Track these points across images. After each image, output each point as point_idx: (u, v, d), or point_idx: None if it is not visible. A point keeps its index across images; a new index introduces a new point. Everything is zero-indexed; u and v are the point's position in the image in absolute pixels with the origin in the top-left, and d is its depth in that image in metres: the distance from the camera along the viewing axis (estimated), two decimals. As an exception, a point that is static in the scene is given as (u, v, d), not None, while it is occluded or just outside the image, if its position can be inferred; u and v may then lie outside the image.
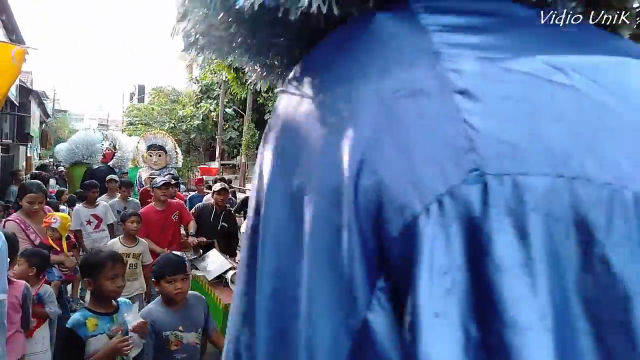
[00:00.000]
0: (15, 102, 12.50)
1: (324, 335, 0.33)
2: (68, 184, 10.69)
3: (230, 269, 4.33)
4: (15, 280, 2.78)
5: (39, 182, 4.19)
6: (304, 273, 0.36)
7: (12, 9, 8.66)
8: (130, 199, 6.20)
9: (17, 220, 3.65)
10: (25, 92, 15.27)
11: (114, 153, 11.91)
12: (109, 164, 11.55)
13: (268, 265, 0.41)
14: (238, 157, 17.68)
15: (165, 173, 9.63)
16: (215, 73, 17.62)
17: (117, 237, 4.17)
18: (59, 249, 3.81)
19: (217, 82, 17.76)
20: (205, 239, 4.95)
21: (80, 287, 4.63)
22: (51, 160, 24.57)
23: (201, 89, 18.86)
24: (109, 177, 7.23)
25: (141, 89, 31.89)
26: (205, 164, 17.43)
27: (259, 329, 0.41)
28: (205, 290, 4.22)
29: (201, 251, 4.89)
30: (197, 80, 19.51)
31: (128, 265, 3.89)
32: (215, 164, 16.37)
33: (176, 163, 11.61)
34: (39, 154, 23.46)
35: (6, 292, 2.01)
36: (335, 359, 0.32)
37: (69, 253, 3.96)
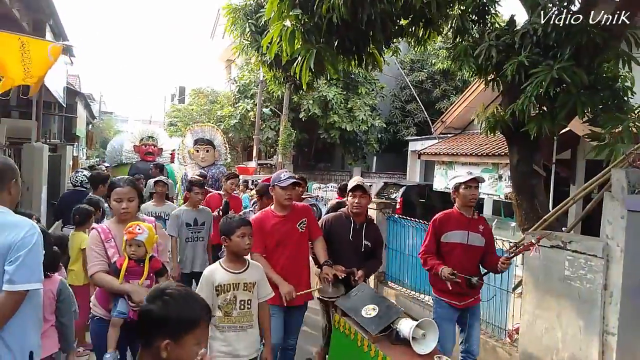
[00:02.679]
0: (62, 104, 13.02)
1: None
2: None
3: (402, 316, 2.71)
4: (50, 273, 2.61)
5: (130, 177, 3.12)
6: None
7: (59, 15, 9.00)
8: (202, 207, 4.82)
9: (99, 229, 2.77)
10: (72, 94, 15.90)
11: (161, 149, 11.05)
12: (156, 161, 10.23)
13: None
14: (275, 157, 17.76)
15: (213, 170, 9.16)
16: (252, 71, 17.79)
17: (218, 261, 2.77)
18: (118, 276, 2.60)
19: (255, 81, 17.91)
20: (343, 268, 3.37)
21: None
22: (97, 159, 25.56)
23: (239, 89, 19.07)
24: (156, 179, 5.50)
25: (182, 90, 32.62)
26: (242, 164, 17.57)
27: None
28: (360, 348, 2.68)
29: (342, 287, 3.36)
30: (235, 80, 19.75)
31: (239, 304, 2.60)
32: (252, 164, 16.48)
33: (225, 159, 10.79)
34: (86, 153, 24.41)
35: (41, 282, 1.95)
36: None
37: (145, 282, 2.63)
